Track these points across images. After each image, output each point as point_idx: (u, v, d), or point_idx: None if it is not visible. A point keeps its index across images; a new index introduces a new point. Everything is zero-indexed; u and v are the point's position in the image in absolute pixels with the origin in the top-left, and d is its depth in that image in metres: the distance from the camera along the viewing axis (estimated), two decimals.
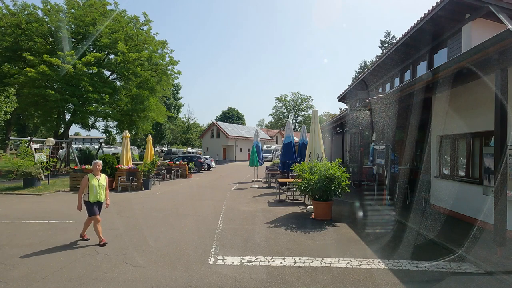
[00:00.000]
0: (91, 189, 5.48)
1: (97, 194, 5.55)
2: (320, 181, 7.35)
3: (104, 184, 5.72)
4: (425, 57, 11.12)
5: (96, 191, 5.52)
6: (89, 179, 5.54)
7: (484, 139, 6.58)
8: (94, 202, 5.51)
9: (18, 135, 41.56)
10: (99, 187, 5.59)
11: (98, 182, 5.61)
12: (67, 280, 3.96)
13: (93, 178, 5.58)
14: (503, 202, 4.55)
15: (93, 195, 5.50)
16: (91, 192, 5.48)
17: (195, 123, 64.62)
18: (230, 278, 4.09)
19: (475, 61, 4.79)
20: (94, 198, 5.51)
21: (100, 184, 5.61)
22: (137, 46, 20.89)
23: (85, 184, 5.50)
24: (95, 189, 5.52)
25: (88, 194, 5.48)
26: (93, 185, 5.50)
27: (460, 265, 4.55)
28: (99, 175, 5.72)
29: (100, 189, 5.60)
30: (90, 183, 5.50)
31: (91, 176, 5.60)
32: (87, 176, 5.56)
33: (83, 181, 5.54)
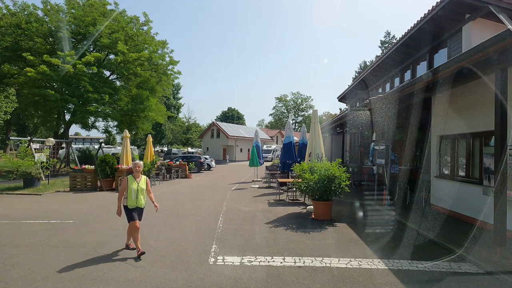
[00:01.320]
0: (129, 194, 4.92)
1: (136, 199, 4.95)
2: (320, 181, 7.35)
3: (144, 187, 5.12)
4: (425, 57, 11.13)
5: (135, 196, 4.94)
6: (128, 182, 4.97)
7: (484, 139, 6.58)
8: (133, 208, 4.97)
9: (18, 135, 41.56)
10: (139, 191, 4.99)
11: (138, 185, 5.00)
12: (67, 280, 3.96)
13: (133, 181, 4.99)
14: (503, 202, 4.55)
15: (131, 200, 4.94)
16: (130, 197, 4.93)
17: (195, 123, 64.66)
18: (230, 278, 4.09)
19: (475, 61, 4.79)
20: (132, 204, 4.94)
21: (139, 188, 5.01)
22: (137, 46, 20.89)
23: (125, 187, 4.96)
24: (134, 193, 4.94)
25: (127, 198, 4.94)
26: (132, 189, 4.93)
27: (460, 265, 4.55)
28: (140, 177, 5.11)
29: (140, 194, 5.01)
30: (129, 187, 4.94)
31: (131, 178, 5.04)
32: (127, 178, 5.03)
33: (123, 183, 5.00)
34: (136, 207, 4.98)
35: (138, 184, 5.02)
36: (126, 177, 5.07)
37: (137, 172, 5.12)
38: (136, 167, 5.15)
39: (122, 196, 4.98)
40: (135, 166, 5.18)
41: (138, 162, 5.23)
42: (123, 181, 5.03)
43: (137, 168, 5.14)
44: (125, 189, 4.96)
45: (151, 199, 5.28)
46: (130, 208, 4.95)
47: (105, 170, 12.84)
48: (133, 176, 5.08)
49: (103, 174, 12.74)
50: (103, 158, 13.13)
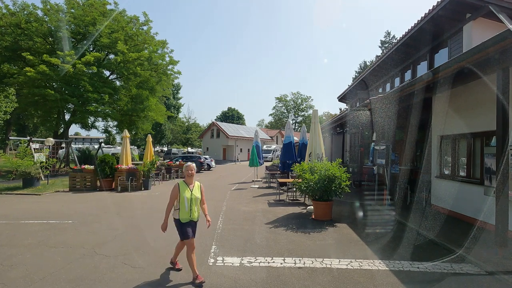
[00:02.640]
0: (182, 204, 3.99)
1: (190, 211, 4.01)
2: (320, 181, 7.33)
3: (198, 196, 4.14)
4: (425, 57, 11.10)
5: (188, 207, 3.99)
6: (180, 189, 4.01)
7: (485, 139, 6.55)
8: (186, 222, 4.02)
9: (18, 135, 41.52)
10: (193, 201, 4.04)
11: (191, 193, 4.05)
12: (66, 281, 3.94)
13: (185, 189, 4.04)
14: (505, 203, 4.52)
15: (184, 212, 3.99)
16: (182, 208, 3.98)
17: (195, 123, 64.61)
18: (229, 279, 4.07)
19: (475, 61, 4.77)
20: (185, 217, 3.99)
21: (193, 197, 4.06)
22: (137, 46, 20.88)
23: (175, 195, 4.02)
24: (187, 203, 3.99)
25: (179, 209, 3.99)
26: (185, 198, 3.98)
27: (461, 266, 4.53)
28: (193, 183, 4.15)
29: (194, 204, 4.06)
30: (181, 196, 4.00)
31: (183, 185, 4.08)
32: (177, 185, 4.07)
33: (173, 191, 4.03)
34: (189, 221, 4.04)
35: (192, 192, 4.07)
36: (177, 183, 4.10)
37: (190, 177, 4.13)
38: (188, 171, 4.11)
39: (171, 207, 4.07)
40: (188, 169, 4.12)
41: (191, 164, 4.16)
42: (173, 189, 4.05)
43: (190, 171, 4.11)
44: (176, 198, 4.03)
45: (204, 211, 4.27)
46: (183, 222, 4.00)
47: (105, 170, 12.81)
48: (185, 182, 4.11)
49: (102, 174, 12.71)
50: (102, 158, 13.10)
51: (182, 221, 3.99)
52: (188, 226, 4.02)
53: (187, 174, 4.15)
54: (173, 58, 23.24)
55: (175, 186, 4.08)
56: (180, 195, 4.00)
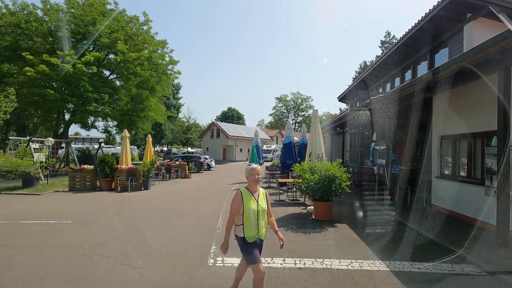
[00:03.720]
0: (247, 218, 3.09)
1: (257, 227, 3.12)
2: (320, 182, 7.31)
3: (265, 207, 3.21)
4: (425, 57, 11.08)
5: (255, 222, 3.10)
6: (243, 199, 3.11)
7: (485, 139, 6.54)
8: (253, 242, 3.12)
9: (18, 134, 41.51)
10: (260, 213, 3.14)
11: (258, 204, 3.15)
12: (65, 282, 3.92)
13: (250, 198, 3.14)
14: (505, 203, 4.51)
15: (251, 229, 3.10)
16: (248, 223, 3.09)
17: (195, 123, 64.57)
18: (229, 279, 4.05)
19: (476, 61, 4.75)
20: (252, 234, 3.11)
21: (260, 209, 3.15)
22: (136, 46, 20.87)
23: (238, 207, 3.11)
24: (254, 217, 3.10)
25: (243, 225, 3.10)
26: (250, 211, 3.08)
27: (462, 266, 4.51)
28: (257, 190, 3.25)
29: (261, 218, 3.16)
30: (245, 207, 3.09)
31: (247, 193, 3.16)
32: (240, 194, 3.14)
33: (235, 202, 3.13)
34: (257, 239, 3.16)
35: (258, 203, 3.15)
36: (239, 192, 3.16)
37: (255, 183, 3.20)
38: (255, 175, 3.19)
39: (233, 222, 3.17)
40: (254, 173, 3.19)
41: (257, 167, 3.27)
42: (234, 199, 3.14)
43: (256, 176, 3.19)
44: (239, 211, 3.12)
45: (274, 226, 3.37)
46: (249, 242, 3.11)
47: (105, 170, 12.80)
48: (249, 190, 3.19)
49: (102, 174, 12.70)
50: (102, 158, 13.09)
51: (248, 240, 3.09)
52: (255, 246, 3.11)
53: (252, 179, 3.16)
54: (173, 58, 23.26)
55: (236, 195, 3.13)
56: (244, 207, 3.08)
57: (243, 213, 3.10)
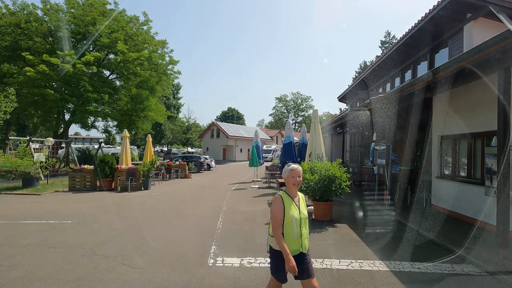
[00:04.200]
0: (288, 227, 2.63)
1: (300, 238, 2.66)
2: (320, 182, 7.31)
3: (307, 214, 2.80)
4: (425, 57, 11.08)
5: (298, 233, 2.64)
6: (285, 206, 2.66)
7: (485, 139, 6.54)
8: (295, 255, 2.61)
9: (18, 135, 41.51)
10: (302, 222, 2.70)
11: (299, 211, 2.71)
12: (65, 282, 3.92)
13: (291, 204, 2.69)
14: (505, 203, 4.51)
15: (293, 241, 2.63)
16: (289, 234, 2.63)
17: (195, 123, 64.61)
18: (229, 279, 4.05)
19: (476, 61, 4.75)
20: (295, 247, 2.64)
21: (303, 217, 2.72)
22: (136, 46, 20.87)
23: (281, 215, 2.63)
24: (296, 227, 2.64)
25: (283, 235, 2.62)
26: (293, 219, 2.63)
27: (462, 266, 4.51)
28: (297, 195, 2.80)
29: (304, 227, 2.70)
30: (286, 215, 2.63)
31: (287, 199, 2.71)
32: (280, 199, 2.68)
33: (276, 208, 2.66)
34: (299, 253, 2.66)
35: (300, 209, 2.72)
36: (279, 196, 2.70)
37: (296, 187, 2.73)
38: (295, 177, 2.71)
39: (280, 229, 2.62)
40: (293, 174, 2.71)
41: (297, 167, 2.75)
42: (275, 203, 2.68)
43: (297, 178, 2.71)
44: (282, 219, 2.63)
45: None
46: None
47: (105, 170, 12.80)
48: (288, 195, 2.74)
49: (102, 174, 12.70)
50: (102, 158, 13.09)
51: (291, 253, 2.58)
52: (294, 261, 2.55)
53: (292, 182, 2.69)
54: (173, 58, 23.27)
55: (277, 200, 2.67)
56: (286, 215, 2.62)
57: (283, 221, 2.63)
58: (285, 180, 2.78)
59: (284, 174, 2.79)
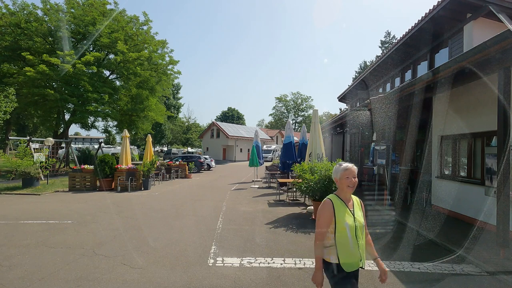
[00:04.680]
0: (341, 237, 2.20)
1: (357, 250, 2.23)
2: (320, 182, 7.30)
3: (363, 222, 2.34)
4: (426, 57, 11.08)
5: (353, 243, 2.22)
6: (335, 212, 2.23)
7: (486, 139, 6.54)
8: (351, 272, 2.24)
9: (18, 134, 41.51)
10: (358, 231, 2.25)
11: (354, 217, 2.27)
12: (65, 281, 3.92)
13: (344, 210, 2.25)
14: (506, 203, 4.51)
15: (349, 254, 2.21)
16: (343, 245, 2.21)
17: (195, 123, 64.61)
18: (229, 279, 4.05)
19: (476, 61, 4.76)
20: (351, 261, 2.22)
21: (359, 225, 2.26)
22: (136, 46, 20.87)
23: (329, 220, 2.23)
24: (351, 236, 2.22)
25: (336, 247, 2.21)
26: (346, 226, 2.21)
27: (462, 267, 4.51)
28: (351, 199, 2.35)
29: (361, 237, 2.27)
30: (338, 222, 2.21)
31: (339, 203, 2.28)
32: (330, 203, 2.27)
33: (324, 213, 2.25)
34: (357, 269, 2.28)
35: (355, 216, 2.27)
36: (329, 201, 2.27)
37: (350, 189, 2.28)
38: (350, 178, 2.26)
39: (323, 240, 2.24)
40: (347, 174, 2.27)
41: (351, 166, 2.31)
42: (323, 208, 2.26)
43: (352, 179, 2.27)
44: (329, 226, 2.22)
45: (373, 251, 2.56)
46: (347, 272, 2.21)
47: (105, 170, 12.79)
48: (340, 198, 2.29)
49: (102, 174, 12.70)
50: (102, 158, 13.09)
51: (345, 268, 2.19)
52: (351, 278, 2.23)
53: (346, 183, 2.25)
54: (173, 58, 23.26)
55: (325, 204, 2.25)
56: (337, 222, 2.19)
57: (335, 230, 2.19)
58: (336, 181, 2.35)
59: (335, 174, 2.35)
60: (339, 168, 2.33)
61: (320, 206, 2.31)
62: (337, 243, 2.22)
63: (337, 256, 2.21)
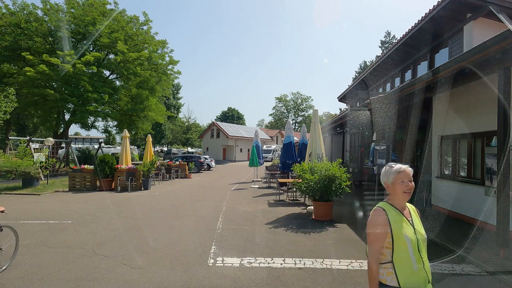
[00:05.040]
0: (401, 253, 1.76)
1: (422, 267, 1.80)
2: (320, 182, 7.31)
3: (425, 233, 1.97)
4: (426, 57, 11.08)
5: (416, 260, 1.78)
6: (390, 222, 1.80)
7: (485, 139, 6.54)
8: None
9: (18, 135, 41.51)
10: (421, 245, 1.86)
11: (414, 229, 1.88)
12: (65, 281, 3.92)
13: (401, 220, 1.84)
14: (506, 203, 4.50)
15: (410, 272, 1.77)
16: (403, 262, 1.77)
17: (195, 123, 64.60)
18: (229, 279, 4.05)
19: (476, 61, 4.75)
20: (413, 281, 1.76)
21: (421, 238, 1.88)
22: (136, 46, 20.87)
23: (384, 234, 1.79)
24: (414, 251, 1.78)
25: (393, 266, 1.76)
26: (407, 241, 1.78)
27: (462, 267, 4.51)
28: (406, 207, 1.96)
29: (424, 252, 1.88)
30: (395, 236, 1.77)
31: (394, 212, 1.86)
32: (383, 212, 1.84)
33: (376, 226, 1.82)
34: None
35: (415, 227, 1.90)
36: (381, 210, 1.87)
37: (407, 195, 1.89)
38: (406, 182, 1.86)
39: (377, 258, 1.82)
40: (402, 177, 1.87)
41: (406, 168, 1.90)
42: (374, 219, 1.85)
43: (409, 183, 1.87)
44: (384, 241, 1.81)
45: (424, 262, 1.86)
46: None
47: (105, 170, 12.80)
48: (395, 207, 1.90)
49: (102, 174, 12.70)
50: (102, 158, 13.09)
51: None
52: None
53: (402, 188, 1.85)
54: (173, 58, 23.27)
55: (377, 214, 1.85)
56: (394, 235, 1.78)
57: (392, 246, 1.77)
58: (387, 187, 1.93)
59: (386, 178, 1.93)
60: (391, 170, 1.92)
61: (371, 217, 1.88)
62: (395, 262, 1.77)
63: (396, 278, 1.76)
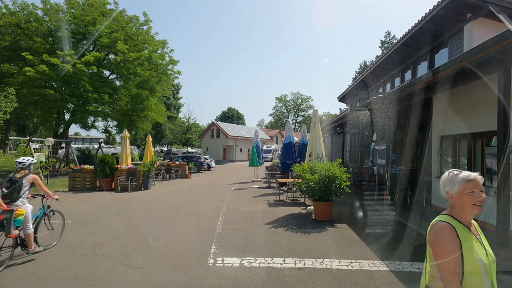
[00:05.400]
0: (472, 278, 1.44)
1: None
2: (320, 182, 7.31)
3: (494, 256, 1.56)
4: (426, 57, 11.09)
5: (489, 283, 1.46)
6: (461, 243, 1.48)
7: (485, 139, 6.54)
8: None
9: (18, 134, 41.51)
10: (493, 269, 1.50)
11: (485, 249, 1.54)
12: (65, 281, 3.92)
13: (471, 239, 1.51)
14: (505, 203, 4.50)
15: None
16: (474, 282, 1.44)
17: (195, 123, 64.60)
18: (229, 279, 4.05)
19: (476, 61, 4.75)
20: None
21: (492, 260, 1.52)
22: (136, 46, 20.86)
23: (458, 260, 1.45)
24: (487, 277, 1.46)
25: None
26: (480, 264, 1.45)
27: None
28: (471, 223, 1.61)
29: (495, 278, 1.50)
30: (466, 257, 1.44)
31: (461, 228, 1.54)
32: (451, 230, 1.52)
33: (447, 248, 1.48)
34: None
35: (485, 248, 1.56)
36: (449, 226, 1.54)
37: (477, 209, 1.53)
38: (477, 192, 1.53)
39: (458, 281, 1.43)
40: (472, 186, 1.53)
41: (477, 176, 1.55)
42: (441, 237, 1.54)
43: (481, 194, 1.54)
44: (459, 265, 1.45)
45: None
46: None
47: (105, 170, 12.79)
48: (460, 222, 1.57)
49: (102, 174, 12.70)
50: (102, 158, 13.09)
51: None
52: None
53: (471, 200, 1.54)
54: (173, 58, 23.24)
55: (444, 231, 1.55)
56: (465, 258, 1.47)
57: (462, 269, 1.46)
58: (451, 198, 1.61)
59: (450, 187, 1.61)
60: (457, 178, 1.57)
61: (436, 235, 1.57)
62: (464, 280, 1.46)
63: None
